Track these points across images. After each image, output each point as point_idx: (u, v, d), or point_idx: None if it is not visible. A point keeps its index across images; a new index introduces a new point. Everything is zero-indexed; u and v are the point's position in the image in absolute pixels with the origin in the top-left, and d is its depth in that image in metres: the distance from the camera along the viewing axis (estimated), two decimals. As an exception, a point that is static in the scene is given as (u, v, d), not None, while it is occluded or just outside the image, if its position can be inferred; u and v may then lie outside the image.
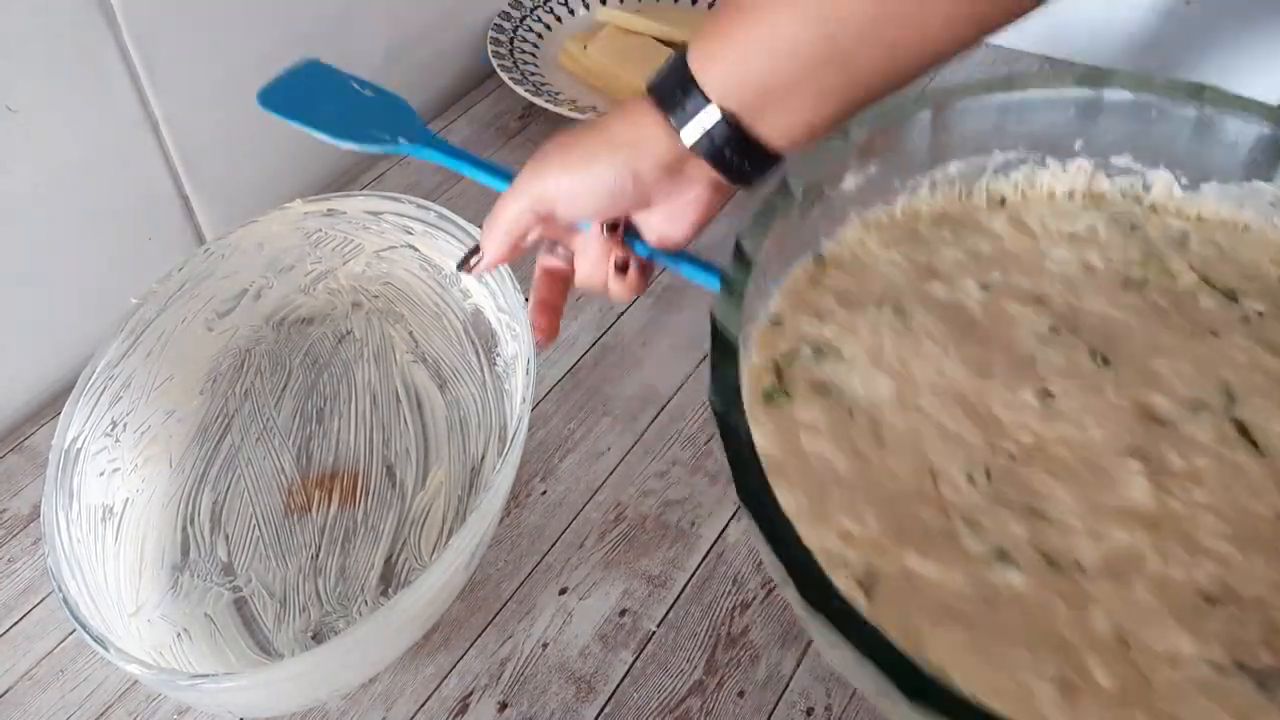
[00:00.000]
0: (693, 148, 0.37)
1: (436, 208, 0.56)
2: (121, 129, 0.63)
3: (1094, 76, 0.41)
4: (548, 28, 0.91)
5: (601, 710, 0.50)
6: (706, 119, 0.36)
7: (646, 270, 0.43)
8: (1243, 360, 0.34)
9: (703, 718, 0.50)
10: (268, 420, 0.58)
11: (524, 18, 0.90)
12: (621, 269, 0.41)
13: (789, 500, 0.33)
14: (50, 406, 0.64)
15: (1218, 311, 0.37)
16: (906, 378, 0.38)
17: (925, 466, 0.34)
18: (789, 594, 0.28)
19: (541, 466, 0.60)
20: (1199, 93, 0.40)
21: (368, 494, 0.56)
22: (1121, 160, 0.44)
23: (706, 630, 0.53)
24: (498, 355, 0.58)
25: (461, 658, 0.52)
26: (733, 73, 0.35)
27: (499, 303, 0.56)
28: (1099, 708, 0.26)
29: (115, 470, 0.52)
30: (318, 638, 0.51)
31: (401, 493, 0.56)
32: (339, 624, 0.51)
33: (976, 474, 0.33)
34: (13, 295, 0.61)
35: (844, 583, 0.31)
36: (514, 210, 0.42)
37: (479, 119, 0.85)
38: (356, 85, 0.50)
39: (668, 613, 0.54)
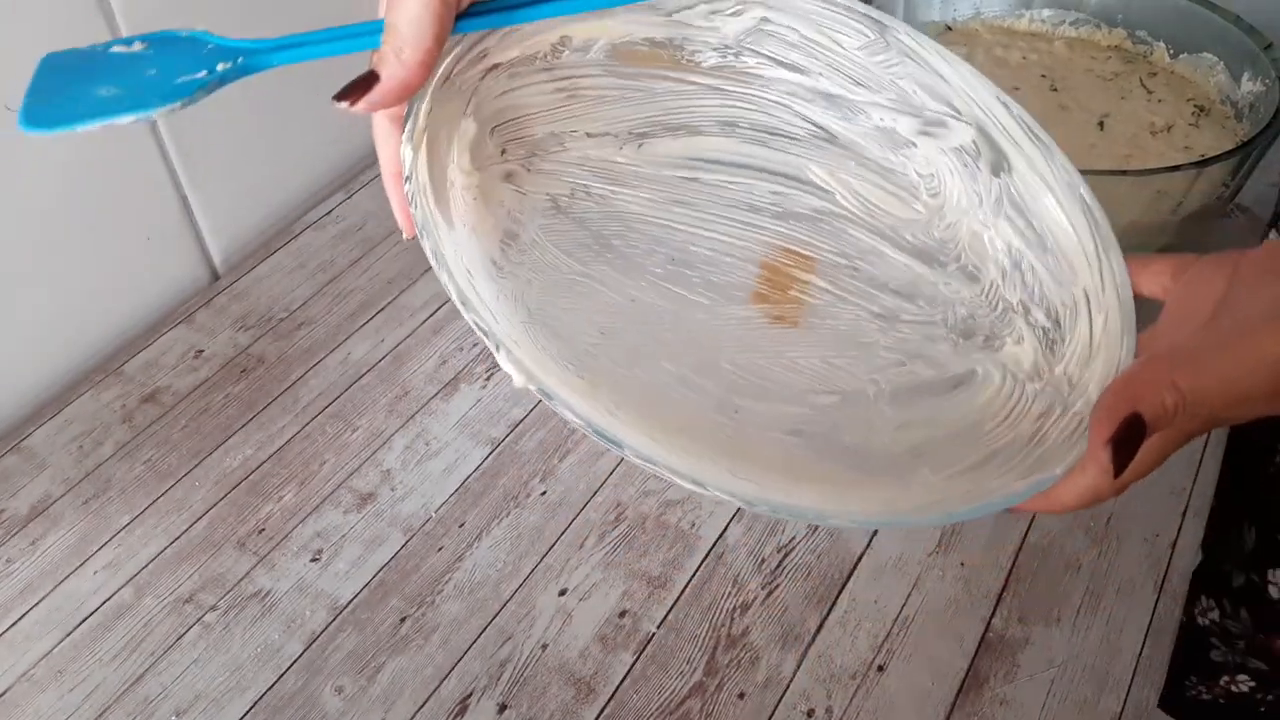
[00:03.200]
0: None
1: None
2: (121, 130, 0.63)
3: None
4: (547, 27, 0.91)
5: (601, 711, 0.50)
6: None
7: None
8: None
9: (703, 719, 0.49)
10: (655, 318, 0.44)
11: (524, 17, 0.90)
12: None
13: None
14: (49, 406, 0.63)
15: None
16: None
17: None
18: None
19: (541, 466, 0.60)
20: None
21: (811, 246, 0.47)
22: None
23: (706, 631, 0.53)
24: (705, 45, 0.47)
25: (460, 659, 0.52)
26: None
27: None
28: None
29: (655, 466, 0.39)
30: (967, 334, 0.45)
31: (825, 212, 0.48)
32: (958, 311, 0.46)
33: None
34: (12, 295, 0.61)
35: None
36: None
37: (478, 118, 0.85)
38: (120, 47, 0.40)
39: (668, 614, 0.53)
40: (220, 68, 0.39)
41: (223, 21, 0.67)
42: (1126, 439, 0.33)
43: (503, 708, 0.50)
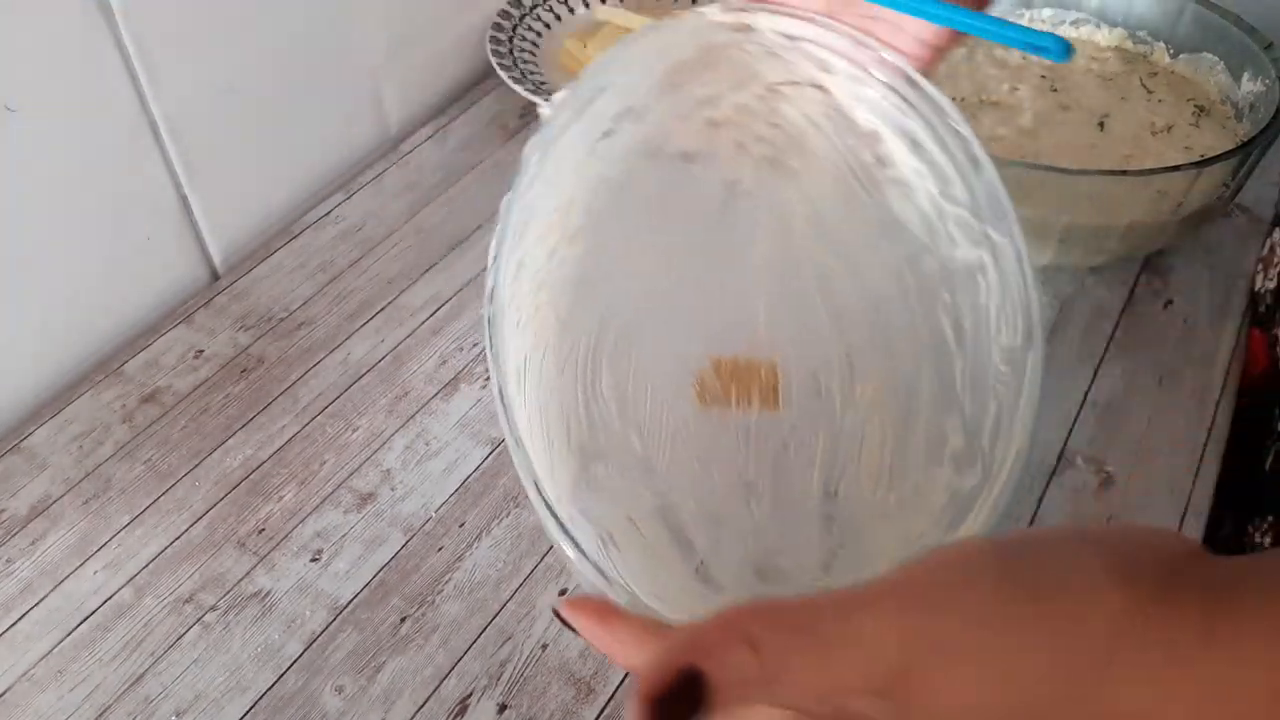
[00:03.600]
0: None
1: (874, 45, 0.45)
2: (120, 129, 0.63)
3: None
4: (547, 26, 0.91)
5: (601, 711, 0.50)
6: None
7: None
8: None
9: (702, 719, 0.49)
10: (658, 284, 0.47)
11: (524, 16, 0.90)
12: None
13: None
14: (48, 406, 0.63)
15: None
16: None
17: None
18: None
19: (541, 467, 0.60)
20: None
21: (789, 396, 0.46)
22: None
23: (706, 631, 0.53)
24: (927, 253, 0.47)
25: (460, 659, 0.52)
26: None
27: (948, 190, 0.45)
28: None
29: (518, 322, 0.42)
30: (762, 575, 0.42)
31: (828, 402, 0.46)
32: (782, 562, 0.42)
33: None
34: (11, 295, 0.61)
35: None
36: None
37: (479, 118, 0.85)
38: None
39: (667, 614, 0.53)
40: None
41: (222, 18, 0.67)
42: (666, 703, 0.23)
43: (503, 708, 0.50)
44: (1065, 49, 0.41)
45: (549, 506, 0.35)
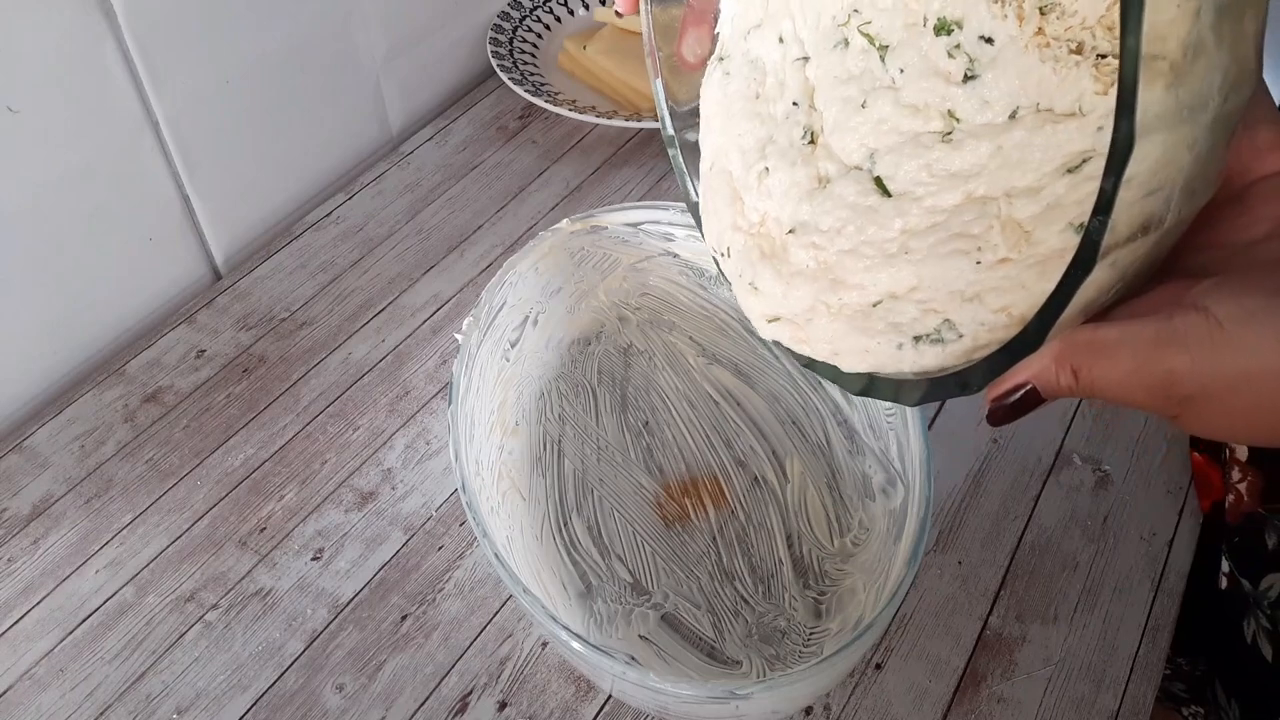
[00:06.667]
0: None
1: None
2: (122, 129, 0.63)
3: None
4: (547, 28, 0.91)
5: (601, 709, 0.50)
6: None
7: None
8: (887, 127, 0.35)
9: (702, 717, 0.50)
10: (598, 440, 0.57)
11: (523, 18, 0.91)
12: None
13: None
14: (51, 406, 0.64)
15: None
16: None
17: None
18: None
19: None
20: None
21: (736, 494, 0.55)
22: None
23: (705, 629, 0.53)
24: None
25: (461, 657, 0.52)
26: None
27: None
28: None
29: (492, 509, 0.51)
30: (765, 638, 0.50)
31: (770, 487, 0.56)
32: (779, 623, 0.50)
33: None
34: (13, 294, 0.61)
35: None
36: None
37: (479, 119, 0.85)
38: None
39: (667, 612, 0.54)
40: None
41: (224, 19, 0.67)
42: (1011, 400, 0.32)
43: (503, 705, 0.50)
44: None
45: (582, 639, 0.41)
